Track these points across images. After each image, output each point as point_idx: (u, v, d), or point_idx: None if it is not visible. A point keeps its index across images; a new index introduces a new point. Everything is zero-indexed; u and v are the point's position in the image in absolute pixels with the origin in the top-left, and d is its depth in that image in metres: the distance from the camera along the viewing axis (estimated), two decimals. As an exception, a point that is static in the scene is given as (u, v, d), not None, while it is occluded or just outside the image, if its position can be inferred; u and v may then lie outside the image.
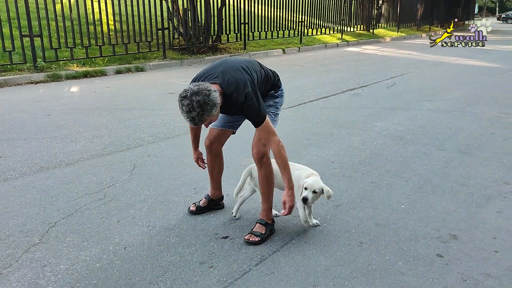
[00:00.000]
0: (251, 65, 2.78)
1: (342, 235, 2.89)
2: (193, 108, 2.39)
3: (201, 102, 2.38)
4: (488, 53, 13.79)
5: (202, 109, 2.40)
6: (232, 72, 2.63)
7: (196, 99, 2.37)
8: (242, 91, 2.55)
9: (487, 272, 2.50)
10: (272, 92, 2.95)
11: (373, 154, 4.46)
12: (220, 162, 3.17)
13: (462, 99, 7.06)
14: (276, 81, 2.97)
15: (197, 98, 2.37)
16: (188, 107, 2.39)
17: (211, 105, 2.41)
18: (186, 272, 2.48)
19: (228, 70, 2.64)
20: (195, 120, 2.44)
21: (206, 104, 2.39)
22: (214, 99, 2.42)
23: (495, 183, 3.74)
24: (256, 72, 2.77)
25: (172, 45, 11.50)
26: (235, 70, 2.64)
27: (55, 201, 3.36)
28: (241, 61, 2.78)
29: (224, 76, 2.60)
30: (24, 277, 2.43)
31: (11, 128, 5.27)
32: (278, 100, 2.98)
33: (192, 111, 2.40)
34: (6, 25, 8.75)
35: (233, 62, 2.74)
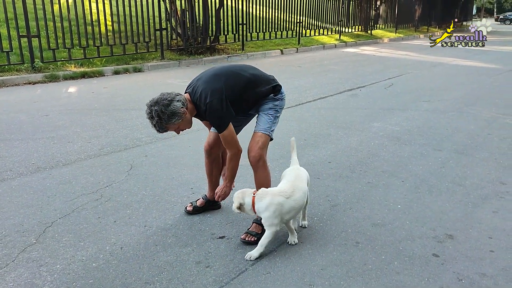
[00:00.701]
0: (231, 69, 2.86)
1: (339, 235, 2.90)
2: (152, 116, 2.59)
3: (158, 112, 2.57)
4: (486, 53, 13.82)
5: (159, 118, 2.58)
6: (203, 80, 2.77)
7: (154, 108, 2.58)
8: (204, 100, 2.68)
9: (482, 271, 2.50)
10: (272, 95, 2.96)
11: (370, 154, 4.47)
12: (218, 165, 3.18)
13: (459, 100, 7.08)
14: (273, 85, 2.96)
15: (155, 108, 2.57)
16: (148, 115, 2.62)
17: (169, 114, 2.58)
18: (183, 272, 2.48)
19: (202, 78, 2.79)
20: (156, 127, 2.64)
21: (163, 114, 2.57)
22: (173, 109, 2.59)
23: (492, 183, 3.75)
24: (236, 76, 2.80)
25: (170, 45, 11.50)
26: (206, 79, 2.77)
27: (52, 201, 3.36)
28: (218, 68, 2.89)
29: (196, 85, 2.77)
30: (20, 276, 2.44)
31: (8, 129, 5.27)
32: (278, 103, 2.98)
33: (152, 120, 2.61)
34: (4, 25, 8.75)
35: (210, 70, 2.87)
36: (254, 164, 2.84)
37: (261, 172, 2.85)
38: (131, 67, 9.93)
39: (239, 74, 2.83)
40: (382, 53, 14.42)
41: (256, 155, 2.80)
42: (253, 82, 2.86)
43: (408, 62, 11.97)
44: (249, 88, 2.84)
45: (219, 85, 2.69)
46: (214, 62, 11.55)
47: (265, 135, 2.85)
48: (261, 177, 2.86)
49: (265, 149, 2.87)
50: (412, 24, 23.77)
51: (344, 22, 18.41)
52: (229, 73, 2.82)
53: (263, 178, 2.87)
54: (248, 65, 3.01)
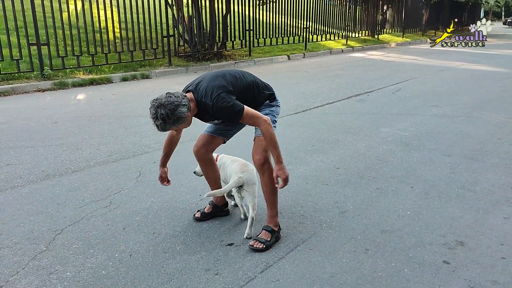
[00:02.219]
0: (229, 74, 2.85)
1: (348, 242, 2.88)
2: (157, 118, 2.54)
3: (164, 116, 2.52)
4: (494, 57, 13.74)
5: (164, 121, 2.54)
6: (206, 79, 2.76)
7: (160, 111, 2.52)
8: (210, 96, 2.65)
9: (494, 279, 2.48)
10: (267, 102, 2.99)
11: (378, 160, 4.45)
12: (213, 167, 3.17)
13: (468, 104, 7.04)
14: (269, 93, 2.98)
15: (161, 111, 2.52)
16: (153, 115, 2.56)
17: (174, 119, 2.55)
18: (192, 279, 2.48)
19: (205, 78, 2.79)
20: (159, 128, 2.60)
21: (168, 118, 2.54)
22: (179, 114, 2.56)
23: (502, 189, 3.72)
24: (237, 78, 2.83)
25: (178, 52, 11.56)
26: (209, 78, 2.77)
27: (61, 209, 3.38)
28: (219, 71, 2.88)
29: (198, 84, 2.76)
30: (30, 284, 2.45)
31: (18, 136, 5.32)
32: (274, 109, 3.01)
33: (155, 120, 2.56)
34: (14, 34, 8.86)
35: (213, 72, 2.88)
36: (260, 168, 2.83)
37: (267, 175, 2.84)
38: (139, 74, 9.99)
39: (240, 77, 2.87)
40: (389, 58, 14.38)
41: (261, 157, 2.80)
42: (253, 86, 2.90)
43: (416, 67, 11.93)
44: (249, 92, 2.87)
45: (224, 83, 2.72)
46: (221, 68, 11.59)
47: None
48: (269, 180, 2.84)
49: (269, 151, 2.87)
50: (419, 28, 23.71)
51: (351, 27, 18.40)
52: (231, 75, 2.85)
53: (270, 181, 2.85)
54: (247, 72, 3.02)
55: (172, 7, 11.27)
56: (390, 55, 15.18)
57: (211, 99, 2.65)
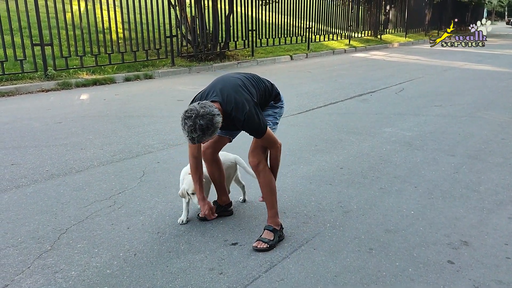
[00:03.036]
0: (248, 81, 2.82)
1: (352, 242, 2.88)
2: (195, 130, 2.44)
3: (203, 127, 2.44)
4: (497, 57, 13.70)
5: (203, 133, 2.46)
6: (231, 90, 2.67)
7: (200, 122, 2.43)
8: (242, 111, 2.60)
9: (499, 279, 2.47)
10: (272, 102, 2.99)
11: (382, 160, 4.45)
12: (219, 168, 3.17)
13: (471, 104, 7.02)
14: (276, 93, 3.00)
15: (201, 122, 2.43)
16: (190, 128, 2.45)
17: (213, 129, 2.49)
18: (196, 279, 2.49)
19: (227, 87, 2.69)
20: (195, 140, 2.51)
21: (208, 129, 2.46)
22: (217, 124, 2.49)
23: (506, 189, 3.71)
24: (254, 87, 2.81)
25: (181, 52, 11.58)
26: (234, 88, 2.69)
27: (66, 208, 3.39)
28: (237, 78, 2.82)
29: (223, 94, 2.66)
30: (36, 283, 2.46)
31: (22, 136, 5.34)
32: (278, 110, 3.02)
33: (193, 133, 2.45)
34: (18, 34, 8.89)
35: (230, 80, 2.79)
36: (255, 169, 2.85)
37: (263, 176, 2.84)
38: (142, 74, 10.01)
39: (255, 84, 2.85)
40: (392, 58, 14.36)
41: (255, 159, 2.81)
42: (264, 93, 2.90)
43: (419, 67, 11.91)
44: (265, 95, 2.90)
45: (249, 95, 2.69)
46: (224, 68, 11.60)
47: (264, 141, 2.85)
48: (265, 181, 2.84)
49: (265, 153, 2.87)
50: (422, 28, 23.67)
51: (353, 27, 18.38)
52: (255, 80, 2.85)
53: (267, 182, 2.85)
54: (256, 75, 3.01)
55: (175, 8, 11.29)
56: (393, 55, 15.16)
57: (242, 114, 2.60)
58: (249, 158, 2.84)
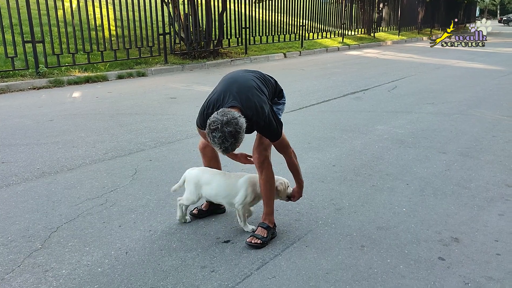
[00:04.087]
0: (260, 81, 2.79)
1: (344, 239, 2.89)
2: (226, 139, 2.39)
3: (233, 132, 2.39)
4: (489, 55, 13.79)
5: (235, 139, 2.41)
6: (248, 93, 2.62)
7: (228, 129, 2.38)
8: (262, 116, 2.59)
9: (489, 275, 2.49)
10: (275, 99, 3.01)
11: (374, 157, 4.46)
12: (216, 165, 3.17)
13: (463, 102, 7.07)
14: (280, 89, 3.04)
15: (229, 129, 2.38)
16: (221, 139, 2.39)
17: (242, 132, 2.44)
18: (188, 277, 2.48)
19: (243, 90, 2.63)
20: (228, 150, 2.46)
21: (237, 133, 2.41)
22: (242, 125, 2.44)
23: (497, 186, 3.74)
24: (265, 86, 2.82)
25: (174, 50, 11.54)
26: (250, 91, 2.64)
27: (57, 206, 3.37)
28: (250, 79, 2.75)
29: (242, 98, 2.60)
30: (26, 282, 2.44)
31: (13, 134, 5.30)
32: (281, 107, 3.04)
33: (226, 142, 2.40)
34: (9, 31, 8.81)
35: (244, 81, 2.71)
36: (259, 166, 2.83)
37: (266, 172, 2.84)
38: (134, 72, 9.96)
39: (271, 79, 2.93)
40: (385, 56, 14.41)
41: (261, 156, 2.81)
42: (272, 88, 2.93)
43: (412, 65, 11.96)
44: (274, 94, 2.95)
45: (265, 98, 2.70)
46: (217, 66, 11.58)
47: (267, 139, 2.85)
48: (267, 178, 2.84)
49: (269, 150, 2.87)
50: (415, 26, 23.77)
51: (347, 25, 18.42)
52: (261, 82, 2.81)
53: (269, 179, 2.85)
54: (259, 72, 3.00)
55: (168, 5, 11.25)
56: (386, 53, 15.21)
57: (262, 119, 2.59)
58: (254, 154, 2.84)
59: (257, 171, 2.87)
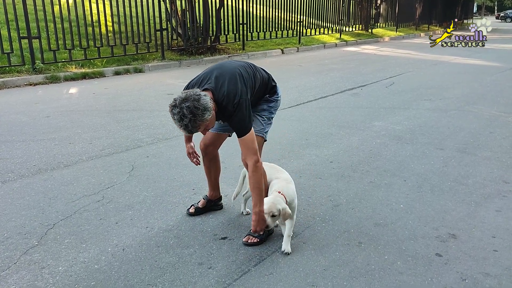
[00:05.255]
0: (245, 71, 2.73)
1: (341, 235, 2.89)
2: (184, 115, 2.36)
3: (191, 108, 2.35)
4: (487, 52, 13.79)
5: (193, 115, 2.37)
6: (227, 78, 2.60)
7: (186, 105, 2.35)
8: (232, 101, 2.53)
9: (486, 271, 2.49)
10: (267, 96, 2.95)
11: (372, 153, 4.46)
12: (216, 164, 3.16)
13: (461, 98, 7.07)
14: (272, 85, 2.96)
15: (187, 104, 2.35)
16: (179, 114, 2.37)
17: (202, 109, 2.38)
18: (185, 273, 2.47)
19: (223, 75, 2.62)
20: (188, 127, 2.41)
21: (196, 109, 2.36)
22: (205, 103, 2.39)
23: (494, 182, 3.74)
24: (251, 76, 2.75)
25: (171, 46, 11.49)
26: (230, 76, 2.61)
27: (53, 203, 3.36)
28: (237, 67, 2.72)
29: (218, 82, 2.59)
30: (22, 279, 2.43)
31: (9, 130, 5.27)
32: (273, 104, 2.98)
33: (184, 118, 2.37)
34: (4, 27, 8.76)
35: (229, 68, 2.69)
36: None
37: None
38: (131, 68, 9.92)
39: (255, 74, 2.79)
40: (383, 52, 14.40)
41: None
42: (262, 83, 2.86)
43: (409, 61, 11.96)
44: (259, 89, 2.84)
45: (244, 87, 2.61)
46: (215, 62, 11.48)
47: (258, 137, 2.82)
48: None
49: (260, 151, 2.84)
50: (412, 22, 23.74)
51: (344, 21, 18.38)
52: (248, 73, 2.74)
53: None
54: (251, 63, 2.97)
55: (165, 1, 11.18)
56: (384, 49, 15.19)
57: (232, 105, 2.54)
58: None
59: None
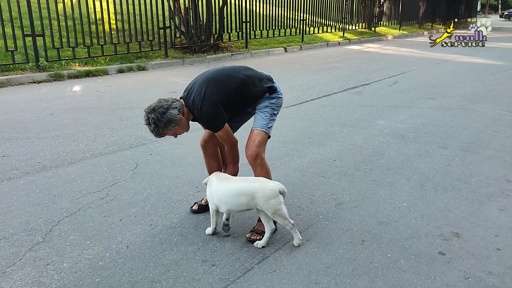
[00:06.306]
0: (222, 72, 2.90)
1: (344, 233, 2.90)
2: (149, 123, 2.70)
3: (154, 119, 2.67)
4: (490, 50, 13.74)
5: (156, 125, 2.68)
6: (198, 86, 2.80)
7: (151, 116, 2.68)
8: (196, 107, 2.75)
9: (489, 270, 2.50)
10: (267, 94, 2.98)
11: (375, 152, 4.46)
12: (217, 160, 3.17)
13: (464, 97, 7.05)
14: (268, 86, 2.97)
15: (151, 116, 2.67)
16: (146, 122, 2.72)
17: (165, 122, 2.67)
18: (189, 270, 2.49)
19: (197, 83, 2.83)
20: (154, 133, 2.74)
21: (159, 121, 2.66)
22: (169, 116, 2.67)
23: (498, 181, 3.74)
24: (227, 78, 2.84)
25: (174, 44, 11.50)
26: (201, 83, 2.81)
27: (58, 200, 3.38)
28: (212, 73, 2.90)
29: (191, 90, 2.83)
30: (27, 275, 2.45)
31: (14, 128, 5.29)
32: (274, 101, 3.00)
33: (149, 126, 2.72)
34: (9, 24, 8.78)
35: (206, 74, 2.90)
36: (252, 163, 2.84)
37: (259, 170, 2.84)
38: (135, 66, 9.94)
39: (231, 76, 2.87)
40: (386, 50, 14.37)
41: (253, 153, 2.81)
42: (247, 82, 2.89)
43: (412, 59, 11.93)
44: (243, 88, 2.87)
45: (210, 91, 2.76)
46: (218, 60, 11.55)
47: (262, 132, 2.85)
48: (261, 175, 2.85)
49: (262, 146, 2.86)
50: (416, 21, 23.65)
51: (347, 19, 18.34)
52: (222, 75, 2.87)
53: (264, 175, 2.86)
54: (243, 66, 3.06)
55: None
56: (387, 48, 15.16)
57: (197, 109, 2.76)
58: (247, 151, 2.84)
59: (251, 168, 2.87)
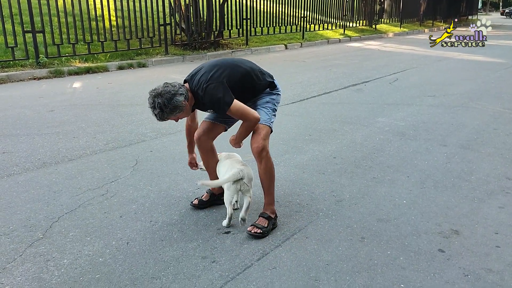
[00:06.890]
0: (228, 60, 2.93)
1: (344, 230, 2.90)
2: (154, 107, 2.66)
3: (161, 104, 2.63)
4: (491, 48, 13.72)
5: (161, 110, 2.65)
6: (203, 70, 2.81)
7: (157, 101, 2.63)
8: (202, 85, 2.73)
9: (488, 267, 2.50)
10: (268, 89, 3.00)
11: (375, 149, 4.46)
12: (213, 156, 3.16)
13: (464, 95, 7.05)
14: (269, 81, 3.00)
15: (158, 100, 2.63)
16: (151, 105, 2.67)
17: (171, 108, 2.65)
18: (188, 267, 2.49)
19: (203, 68, 2.84)
20: (157, 117, 2.70)
21: (165, 107, 2.63)
22: (175, 103, 2.65)
23: (497, 179, 3.74)
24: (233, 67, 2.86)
25: (174, 40, 11.49)
26: (208, 68, 2.82)
27: (58, 197, 3.38)
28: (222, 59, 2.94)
29: (195, 74, 2.83)
30: (28, 271, 2.45)
31: (14, 124, 5.29)
32: (275, 97, 3.03)
33: (153, 110, 2.67)
34: (9, 21, 8.76)
35: (213, 61, 2.91)
36: (258, 155, 2.83)
37: (265, 163, 2.85)
38: (135, 62, 9.93)
39: (237, 65, 2.89)
40: (387, 48, 14.35)
41: (259, 145, 2.81)
42: (251, 74, 2.90)
43: (413, 57, 11.91)
44: (247, 79, 2.88)
45: (218, 74, 2.76)
46: (218, 57, 11.52)
47: (266, 126, 2.86)
48: (267, 168, 2.85)
49: (267, 140, 2.87)
50: (417, 18, 23.60)
51: (348, 16, 18.31)
52: (228, 64, 2.88)
53: (268, 169, 2.86)
54: (247, 60, 3.05)
55: (168, -5, 11.17)
56: (388, 45, 15.14)
57: (202, 88, 2.73)
58: (252, 144, 2.83)
59: (256, 161, 2.88)
